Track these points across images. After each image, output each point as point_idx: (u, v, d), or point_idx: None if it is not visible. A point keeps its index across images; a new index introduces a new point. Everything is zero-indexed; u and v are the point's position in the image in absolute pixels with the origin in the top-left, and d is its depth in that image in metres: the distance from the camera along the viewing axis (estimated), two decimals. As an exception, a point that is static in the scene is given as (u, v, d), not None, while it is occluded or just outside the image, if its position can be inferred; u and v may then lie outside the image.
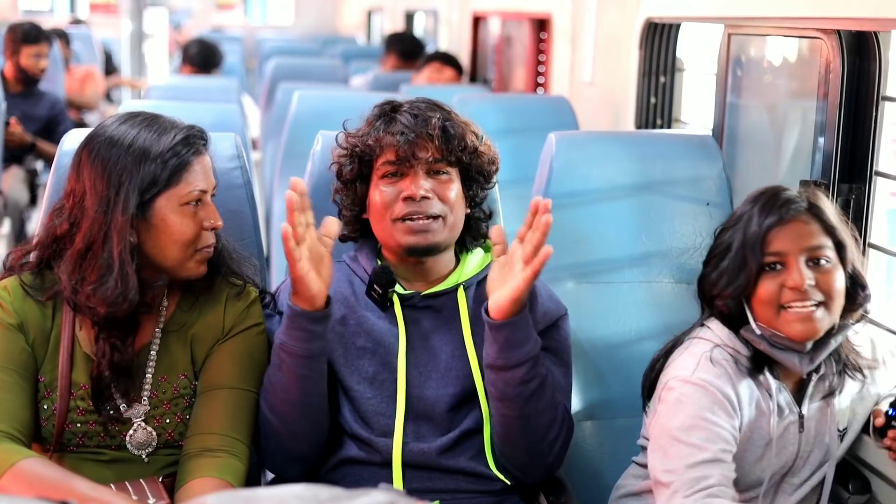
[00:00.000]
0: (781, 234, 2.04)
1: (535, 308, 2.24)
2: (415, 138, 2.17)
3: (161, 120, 2.08)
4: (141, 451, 2.11)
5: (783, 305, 2.03)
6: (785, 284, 2.02)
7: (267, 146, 5.34)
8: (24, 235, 5.56)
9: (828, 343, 2.06)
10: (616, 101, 4.06)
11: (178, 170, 2.03)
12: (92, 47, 9.37)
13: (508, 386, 2.08)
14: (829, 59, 2.71)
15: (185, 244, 2.06)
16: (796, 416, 2.11)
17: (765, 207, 2.08)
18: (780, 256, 2.04)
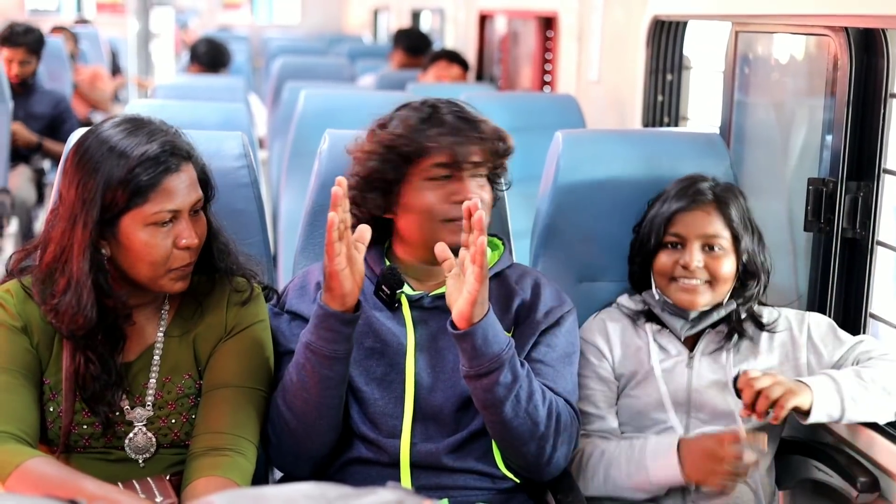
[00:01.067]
0: (684, 218, 2.39)
1: (537, 307, 2.25)
2: (466, 142, 2.17)
3: (140, 132, 2.02)
4: (138, 455, 2.10)
5: (674, 277, 2.38)
6: (678, 261, 2.37)
7: (274, 145, 5.35)
8: (32, 234, 5.56)
9: (709, 316, 2.39)
10: (623, 100, 4.05)
11: (140, 192, 1.97)
12: (99, 47, 9.38)
13: (487, 393, 2.08)
14: (836, 57, 2.70)
15: (153, 264, 2.02)
16: (686, 357, 2.40)
17: (679, 193, 2.42)
18: (679, 238, 2.39)
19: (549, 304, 2.27)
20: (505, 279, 2.31)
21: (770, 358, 2.41)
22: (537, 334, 2.24)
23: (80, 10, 14.28)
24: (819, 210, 2.75)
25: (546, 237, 2.66)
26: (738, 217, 2.39)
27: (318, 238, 2.55)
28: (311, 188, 2.60)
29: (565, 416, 2.20)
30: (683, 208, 2.39)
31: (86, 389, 2.05)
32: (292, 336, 2.21)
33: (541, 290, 2.28)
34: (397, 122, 2.22)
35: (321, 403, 2.10)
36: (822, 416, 2.24)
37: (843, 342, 2.41)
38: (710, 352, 2.41)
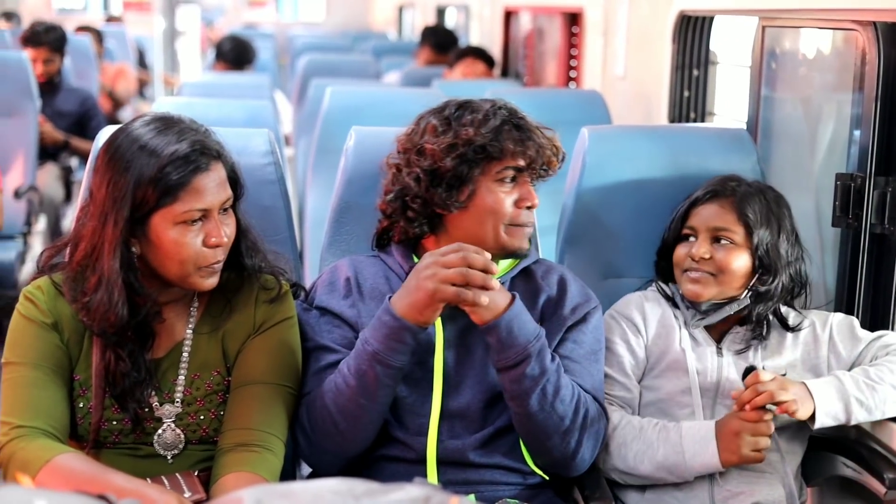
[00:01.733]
0: (699, 212, 2.43)
1: (564, 303, 2.25)
2: (540, 152, 2.22)
3: (170, 130, 2.03)
4: (167, 451, 2.11)
5: (685, 269, 2.42)
6: (689, 253, 2.41)
7: (299, 142, 5.36)
8: (60, 232, 5.60)
9: (722, 310, 2.40)
10: (649, 95, 4.04)
11: (170, 191, 1.98)
12: (125, 45, 9.43)
13: (514, 384, 2.10)
14: (864, 51, 2.69)
15: (182, 262, 2.03)
16: (714, 347, 2.42)
17: (702, 188, 2.46)
18: (692, 230, 2.43)
19: (576, 300, 2.27)
20: (531, 275, 2.31)
21: (794, 355, 2.41)
22: (564, 330, 2.24)
23: (107, 8, 14.36)
24: (847, 206, 2.73)
25: (572, 233, 2.66)
26: (755, 212, 2.39)
27: (345, 235, 2.56)
28: (338, 185, 2.60)
29: (593, 412, 2.20)
30: (699, 201, 2.44)
31: (115, 386, 2.06)
32: (321, 331, 2.22)
33: (567, 286, 2.28)
34: (472, 121, 2.22)
35: (374, 409, 2.11)
36: (827, 421, 2.26)
37: (860, 339, 2.41)
38: (735, 350, 2.41)
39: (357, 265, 2.29)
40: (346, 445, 2.16)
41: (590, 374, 2.24)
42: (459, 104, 2.27)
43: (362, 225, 2.52)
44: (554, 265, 2.38)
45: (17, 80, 5.05)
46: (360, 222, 2.53)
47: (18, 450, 1.97)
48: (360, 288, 2.25)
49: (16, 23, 9.76)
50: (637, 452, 2.32)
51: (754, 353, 2.40)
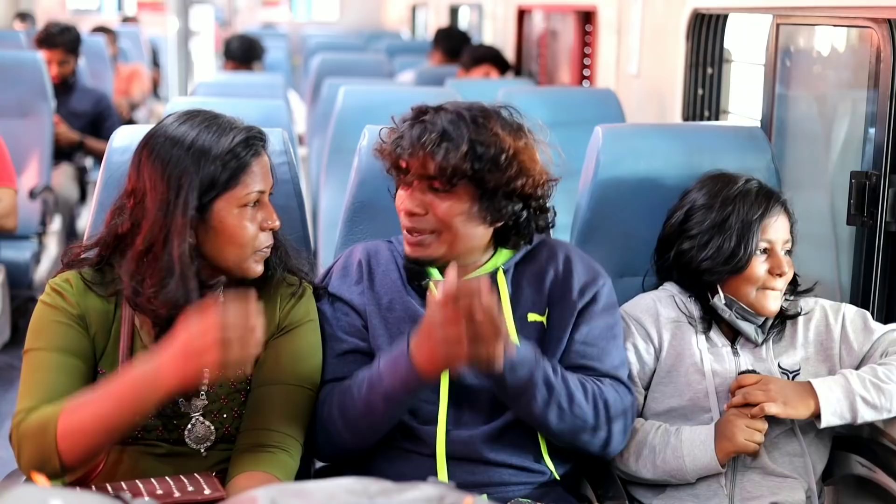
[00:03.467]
0: (772, 224, 2.37)
1: (571, 285, 2.25)
2: (412, 153, 2.14)
3: (220, 120, 2.09)
4: (199, 445, 2.12)
5: (764, 286, 2.35)
6: (769, 268, 2.35)
7: (313, 142, 5.36)
8: (75, 232, 5.62)
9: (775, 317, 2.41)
10: (663, 94, 4.03)
11: (237, 172, 2.04)
12: (140, 45, 9.45)
13: (527, 411, 2.14)
14: (879, 49, 2.68)
15: (243, 245, 2.07)
16: (730, 347, 2.40)
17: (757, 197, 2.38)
18: (769, 243, 2.36)
19: (583, 279, 2.26)
20: (536, 257, 2.29)
21: (807, 350, 2.41)
22: (575, 314, 2.24)
23: (122, 8, 14.40)
24: (862, 204, 2.72)
25: (586, 232, 2.65)
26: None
27: (358, 234, 2.56)
28: (351, 184, 2.61)
29: (613, 398, 2.20)
30: (768, 212, 2.37)
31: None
32: (333, 318, 2.24)
33: (573, 267, 2.27)
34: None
35: (382, 426, 2.15)
36: (832, 420, 2.27)
37: (872, 332, 2.40)
38: (751, 349, 2.40)
39: (371, 249, 2.30)
40: (355, 448, 2.19)
41: (608, 354, 2.25)
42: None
43: (376, 224, 2.52)
44: (558, 244, 2.35)
45: (31, 81, 5.07)
46: (373, 221, 2.53)
47: (30, 423, 1.97)
48: (372, 273, 2.26)
49: (30, 23, 9.80)
50: (641, 457, 2.32)
51: (767, 351, 2.39)
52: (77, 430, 1.92)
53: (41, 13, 11.87)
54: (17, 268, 4.60)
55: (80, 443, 1.93)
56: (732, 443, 2.26)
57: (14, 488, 1.03)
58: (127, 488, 1.99)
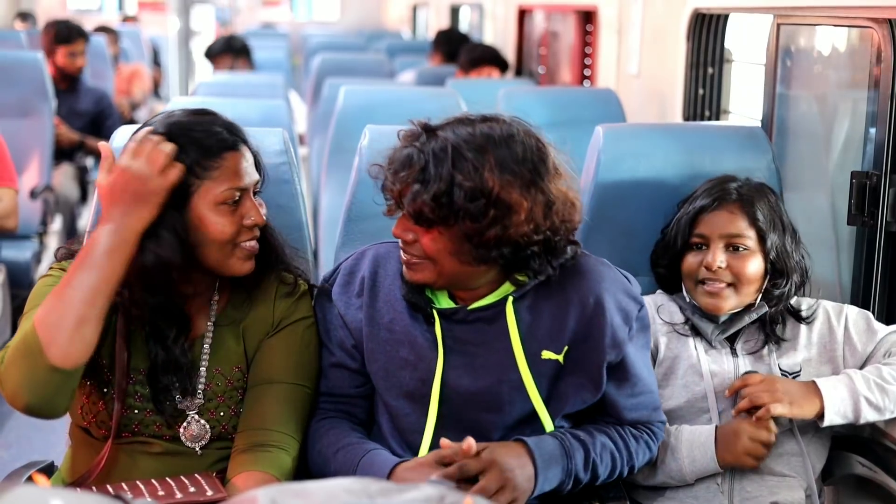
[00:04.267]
0: (709, 219, 2.36)
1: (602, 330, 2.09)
2: (391, 183, 2.05)
3: (199, 113, 2.10)
4: (195, 443, 2.12)
5: (699, 280, 2.35)
6: (702, 263, 2.34)
7: (314, 141, 5.36)
8: (75, 232, 5.62)
9: (741, 319, 2.36)
10: (663, 93, 4.03)
11: (203, 162, 2.02)
12: (140, 45, 9.45)
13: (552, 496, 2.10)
14: (880, 49, 2.68)
15: (223, 243, 2.05)
16: (728, 348, 2.39)
17: (705, 193, 2.40)
18: (703, 238, 2.36)
19: (615, 328, 2.10)
20: (562, 283, 2.11)
21: (809, 351, 2.40)
22: (604, 366, 2.11)
23: (122, 8, 14.41)
24: (862, 204, 2.72)
25: (587, 232, 2.65)
26: (764, 215, 2.35)
27: (359, 234, 2.56)
28: (352, 184, 2.61)
29: (634, 447, 2.17)
30: (707, 208, 2.37)
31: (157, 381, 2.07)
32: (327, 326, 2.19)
33: (605, 304, 2.09)
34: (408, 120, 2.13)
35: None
36: (835, 419, 2.27)
37: (875, 333, 2.40)
38: (750, 351, 2.39)
39: (381, 258, 2.19)
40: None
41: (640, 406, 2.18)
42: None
43: (376, 224, 2.52)
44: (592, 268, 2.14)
45: (32, 81, 5.08)
46: (374, 221, 2.53)
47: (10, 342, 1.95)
48: (376, 287, 2.16)
49: (31, 23, 9.80)
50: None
51: (769, 353, 2.39)
52: (55, 307, 1.91)
53: (42, 13, 11.87)
54: (17, 268, 4.60)
55: (61, 321, 1.90)
56: (733, 455, 2.26)
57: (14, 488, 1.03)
58: (127, 489, 1.99)
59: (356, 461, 2.08)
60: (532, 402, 2.09)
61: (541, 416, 2.10)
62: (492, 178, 1.96)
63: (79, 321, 1.91)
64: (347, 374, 2.18)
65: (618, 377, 2.14)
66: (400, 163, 2.03)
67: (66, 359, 1.90)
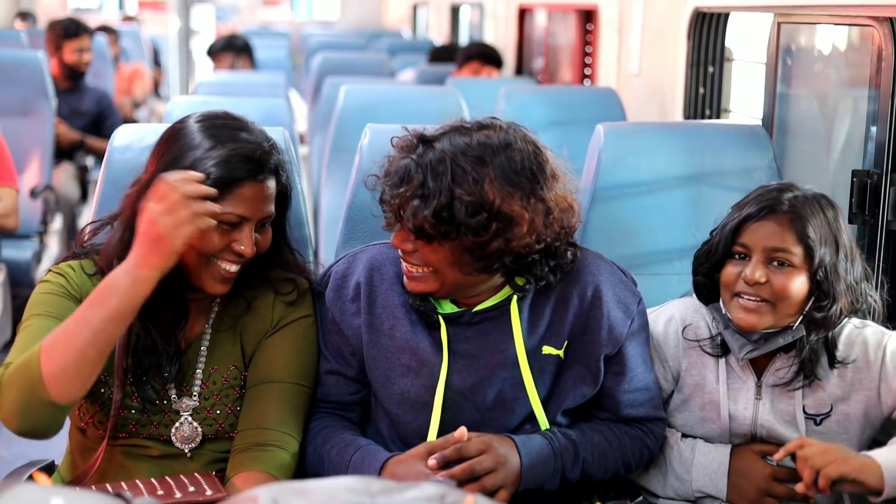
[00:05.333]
0: (754, 228, 2.15)
1: (599, 324, 2.10)
2: (389, 198, 2.01)
3: (239, 128, 2.05)
4: (185, 445, 2.11)
5: (736, 293, 2.16)
6: (741, 275, 2.14)
7: (314, 140, 5.36)
8: (76, 231, 5.60)
9: (774, 340, 2.16)
10: (664, 92, 4.03)
11: (220, 186, 1.97)
12: (140, 45, 9.45)
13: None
14: (881, 47, 2.68)
15: (201, 254, 2.01)
16: (753, 385, 2.22)
17: (756, 199, 2.19)
18: (745, 248, 2.16)
19: (613, 320, 2.10)
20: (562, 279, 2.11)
21: (840, 386, 2.20)
22: (601, 359, 2.11)
23: (122, 7, 14.40)
24: (863, 202, 2.72)
25: (587, 230, 2.65)
26: (816, 232, 2.12)
27: (359, 233, 2.56)
28: (352, 183, 2.60)
29: (630, 446, 2.17)
30: (754, 216, 2.16)
31: (141, 362, 2.06)
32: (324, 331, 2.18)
33: (602, 298, 2.10)
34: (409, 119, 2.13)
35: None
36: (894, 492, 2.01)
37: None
38: (779, 381, 2.21)
39: (375, 264, 2.17)
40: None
41: (637, 401, 2.17)
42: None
43: (377, 223, 2.50)
44: (589, 262, 2.15)
45: (32, 80, 5.08)
46: (374, 220, 2.52)
47: (13, 365, 1.92)
48: (373, 293, 2.13)
49: (31, 22, 9.80)
50: (649, 473, 2.28)
51: (797, 388, 2.20)
52: (60, 343, 1.87)
53: (42, 12, 11.86)
54: (18, 267, 4.60)
55: (64, 358, 1.86)
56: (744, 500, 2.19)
57: (14, 487, 1.03)
58: (126, 488, 1.99)
59: (349, 457, 2.08)
60: (530, 399, 2.10)
61: (537, 414, 2.10)
62: (492, 191, 1.94)
63: (82, 361, 1.88)
64: (343, 381, 2.17)
65: (615, 370, 2.14)
66: (398, 176, 1.99)
67: (65, 395, 1.88)
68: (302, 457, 2.13)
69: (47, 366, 1.86)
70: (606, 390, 2.15)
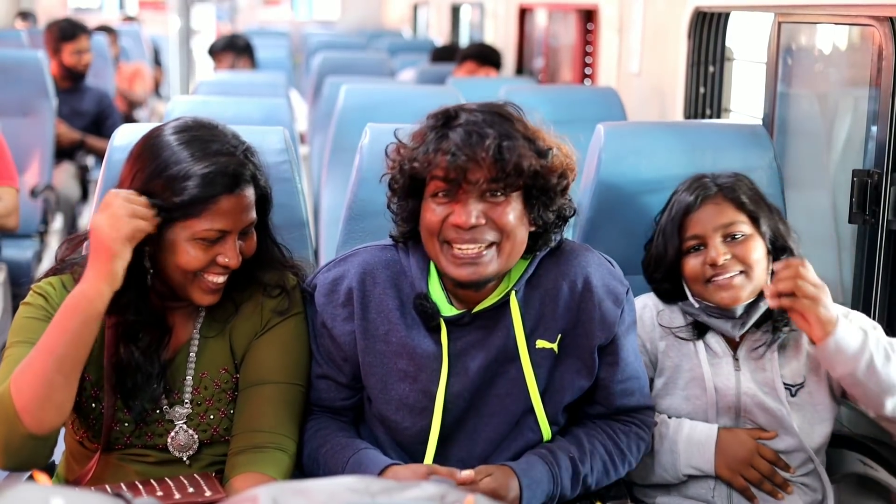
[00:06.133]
0: (697, 217, 2.30)
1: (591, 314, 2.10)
2: (465, 161, 1.94)
3: (213, 137, 2.04)
4: (182, 453, 2.10)
5: (708, 279, 2.27)
6: (705, 262, 2.27)
7: (314, 140, 5.36)
8: (76, 231, 5.61)
9: (757, 307, 2.30)
10: (664, 92, 4.03)
11: (192, 206, 1.97)
12: (141, 44, 9.45)
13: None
14: (881, 47, 2.68)
15: (186, 272, 2.02)
16: (731, 359, 2.32)
17: (684, 194, 2.35)
18: (698, 238, 2.30)
19: (604, 311, 2.11)
20: (548, 271, 2.13)
21: (810, 359, 2.33)
22: (595, 351, 2.12)
23: (123, 7, 14.40)
24: (864, 202, 2.72)
25: (588, 230, 2.65)
26: (749, 198, 2.31)
27: (360, 232, 2.56)
28: (353, 182, 2.60)
29: (625, 443, 2.18)
30: (692, 207, 2.31)
31: (126, 382, 2.05)
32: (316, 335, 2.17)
33: (592, 289, 2.11)
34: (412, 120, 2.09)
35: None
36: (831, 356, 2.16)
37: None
38: (754, 351, 2.33)
39: (367, 269, 2.13)
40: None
41: (628, 391, 2.19)
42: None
43: (377, 222, 2.51)
44: (573, 252, 2.16)
45: (33, 80, 5.08)
46: (375, 219, 2.53)
47: None
48: (366, 299, 2.11)
49: (32, 22, 9.80)
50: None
51: (771, 361, 2.32)
52: (28, 377, 1.87)
53: (42, 12, 11.86)
54: (18, 267, 4.59)
55: (34, 392, 1.86)
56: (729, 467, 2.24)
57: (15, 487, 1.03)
58: (126, 489, 1.99)
59: (346, 459, 2.07)
60: (530, 394, 2.09)
61: (536, 408, 2.10)
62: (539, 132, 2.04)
63: (51, 389, 1.88)
64: (335, 386, 2.17)
65: (608, 361, 2.15)
66: (465, 138, 1.95)
67: (41, 425, 1.88)
68: (298, 458, 2.13)
69: (19, 400, 1.87)
70: (600, 381, 2.16)
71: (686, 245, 2.31)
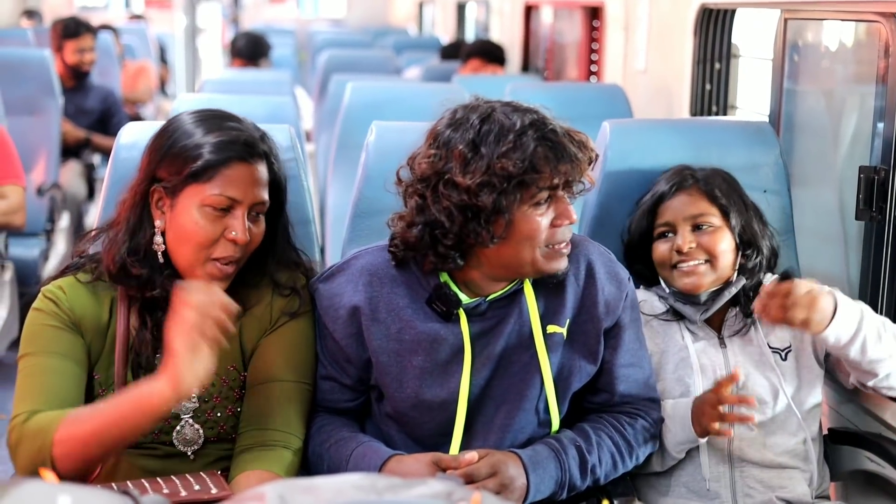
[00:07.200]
0: (669, 205, 2.40)
1: (596, 300, 2.15)
2: (575, 166, 2.01)
3: (225, 118, 2.07)
4: (187, 447, 2.10)
5: (673, 265, 2.38)
6: (672, 248, 2.37)
7: (320, 138, 5.36)
8: (83, 229, 5.62)
9: (721, 296, 2.37)
10: (670, 89, 4.03)
11: (209, 167, 1.99)
12: (147, 42, 9.46)
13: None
14: (888, 43, 2.67)
15: (197, 245, 2.01)
16: (715, 338, 2.40)
17: (662, 183, 2.45)
18: (668, 226, 2.40)
19: (607, 292, 2.16)
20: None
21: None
22: (601, 334, 2.16)
23: (129, 6, 14.42)
24: (870, 198, 2.72)
25: (594, 227, 2.65)
26: (723, 192, 2.38)
27: (366, 230, 2.56)
28: (359, 180, 2.60)
29: (630, 434, 2.18)
30: (666, 195, 2.41)
31: (139, 354, 2.06)
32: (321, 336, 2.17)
33: (596, 275, 2.15)
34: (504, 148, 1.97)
35: None
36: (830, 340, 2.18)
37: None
38: (737, 332, 2.38)
39: (371, 269, 2.13)
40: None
41: (632, 377, 2.21)
42: (481, 118, 2.02)
43: (383, 220, 2.51)
44: (578, 242, 2.18)
45: (39, 79, 5.09)
46: (381, 217, 2.52)
47: (30, 425, 1.94)
48: (374, 302, 2.11)
49: (38, 21, 9.81)
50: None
51: (755, 332, 2.38)
52: (74, 437, 1.90)
53: (48, 11, 11.87)
54: (25, 265, 4.60)
55: (75, 451, 1.90)
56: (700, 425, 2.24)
57: (23, 484, 1.03)
58: (132, 486, 1.99)
59: (349, 452, 2.08)
60: (543, 379, 2.11)
61: (548, 392, 2.11)
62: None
63: (90, 454, 1.92)
64: (338, 387, 2.17)
65: (611, 344, 2.19)
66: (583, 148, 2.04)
67: (71, 473, 1.92)
68: (305, 456, 2.13)
69: (59, 449, 1.90)
70: (604, 365, 2.19)
71: (657, 231, 2.42)
